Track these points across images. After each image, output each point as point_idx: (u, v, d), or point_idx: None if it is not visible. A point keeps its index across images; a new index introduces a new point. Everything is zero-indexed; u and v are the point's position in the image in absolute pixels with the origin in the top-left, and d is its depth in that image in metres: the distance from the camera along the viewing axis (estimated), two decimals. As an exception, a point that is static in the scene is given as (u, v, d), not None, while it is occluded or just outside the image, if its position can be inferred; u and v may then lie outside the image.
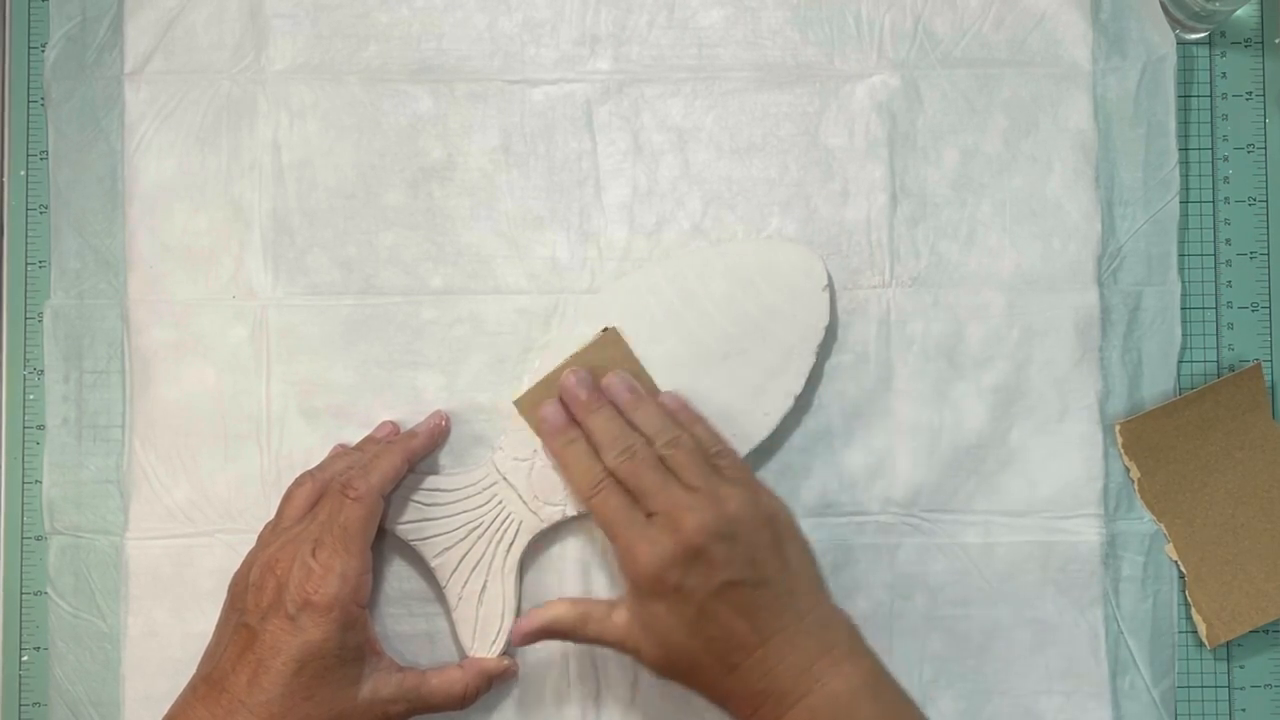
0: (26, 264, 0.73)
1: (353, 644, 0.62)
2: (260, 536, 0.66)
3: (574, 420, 0.66)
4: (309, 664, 0.60)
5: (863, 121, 0.71)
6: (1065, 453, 0.70)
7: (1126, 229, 0.71)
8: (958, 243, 0.71)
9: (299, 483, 0.66)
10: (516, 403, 0.68)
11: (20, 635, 0.71)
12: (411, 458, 0.67)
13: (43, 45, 0.72)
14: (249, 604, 0.62)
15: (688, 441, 0.63)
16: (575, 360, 0.68)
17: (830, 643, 0.60)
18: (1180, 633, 0.71)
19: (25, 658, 0.71)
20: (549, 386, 0.68)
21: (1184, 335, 0.72)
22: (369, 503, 0.63)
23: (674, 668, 0.61)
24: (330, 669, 0.61)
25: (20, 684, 0.71)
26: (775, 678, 0.59)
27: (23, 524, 0.72)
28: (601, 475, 0.63)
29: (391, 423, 0.70)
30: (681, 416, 0.66)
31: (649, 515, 0.61)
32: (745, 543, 0.60)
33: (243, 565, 0.65)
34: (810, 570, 0.62)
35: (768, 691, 0.59)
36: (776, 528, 0.61)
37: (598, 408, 0.66)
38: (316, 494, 0.65)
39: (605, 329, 0.68)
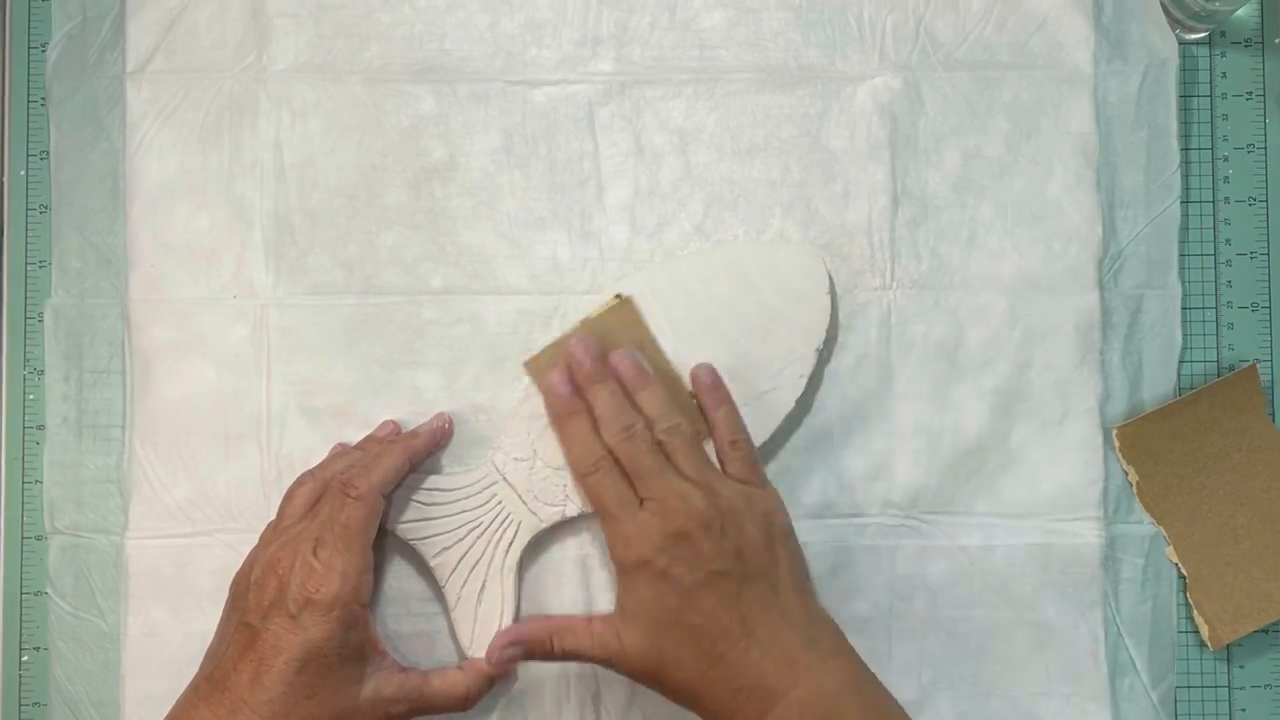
0: (26, 264, 0.73)
1: (354, 643, 0.62)
2: (262, 536, 0.66)
3: (578, 391, 0.66)
4: (310, 663, 0.60)
5: (864, 123, 0.71)
6: (1065, 455, 0.70)
7: (1128, 232, 0.71)
8: (959, 245, 0.71)
9: (300, 482, 0.66)
10: (527, 364, 0.69)
11: (20, 635, 0.71)
12: (413, 457, 0.67)
13: (43, 45, 0.72)
14: (250, 603, 0.62)
15: (687, 430, 0.64)
16: (585, 326, 0.68)
17: (815, 638, 0.60)
18: (1181, 633, 0.71)
19: (25, 658, 0.71)
20: (559, 351, 0.67)
21: (1184, 336, 0.72)
22: (370, 502, 0.63)
23: (656, 660, 0.60)
24: (332, 668, 0.61)
25: (20, 684, 0.71)
26: (760, 672, 0.59)
27: (23, 524, 0.72)
28: (600, 454, 0.63)
29: (393, 422, 0.70)
30: (709, 397, 0.66)
31: (642, 501, 0.62)
32: (734, 536, 0.60)
33: (244, 564, 0.65)
34: (799, 572, 0.62)
35: (751, 687, 0.58)
36: (769, 526, 0.62)
37: (602, 381, 0.65)
38: (317, 493, 0.65)
39: (618, 296, 0.69)
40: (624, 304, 0.68)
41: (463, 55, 0.72)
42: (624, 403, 0.65)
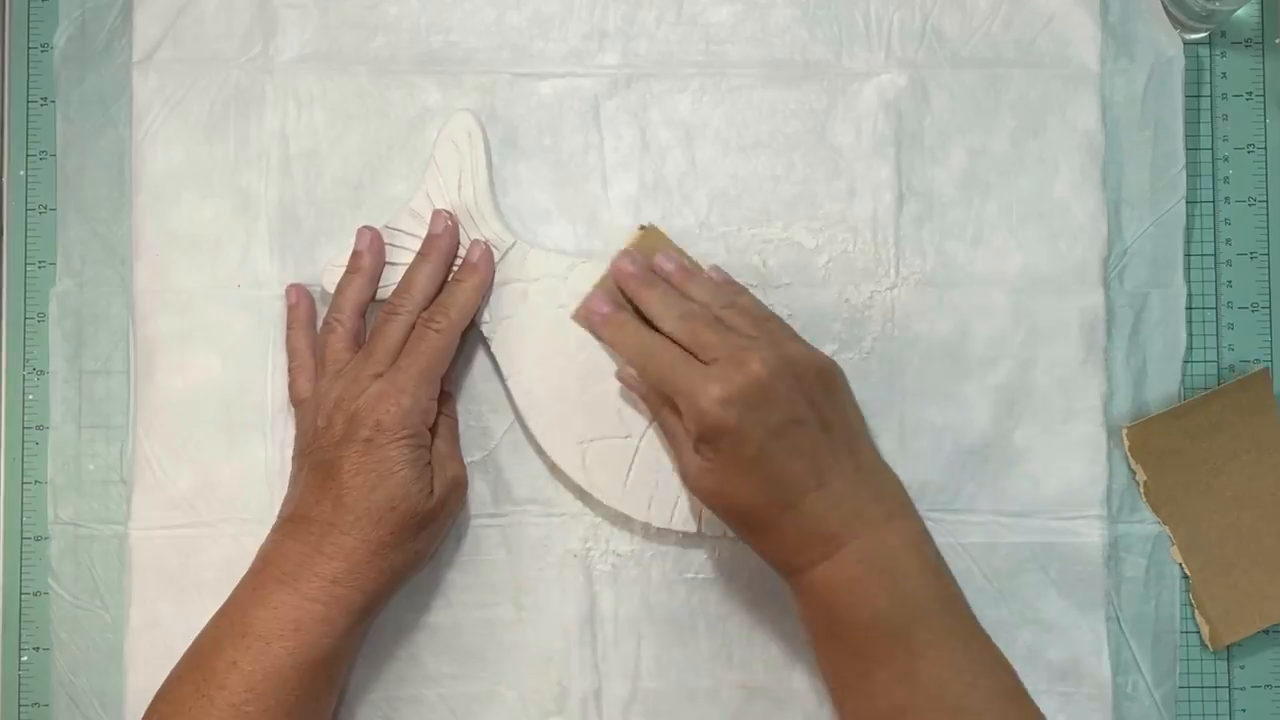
0: (26, 264, 0.72)
1: (423, 460, 0.64)
2: (304, 402, 0.67)
3: (624, 304, 0.67)
4: (386, 479, 0.62)
5: (870, 120, 0.71)
6: (1069, 454, 0.70)
7: (1133, 231, 0.71)
8: (964, 243, 0.71)
9: (330, 329, 0.67)
10: (574, 317, 0.68)
11: (20, 635, 0.71)
12: (484, 290, 0.68)
13: (43, 45, 0.72)
14: (321, 444, 0.64)
15: (744, 302, 0.65)
16: (639, 245, 0.69)
17: (883, 494, 0.61)
18: (1182, 633, 0.71)
19: (25, 658, 0.71)
20: (602, 288, 0.68)
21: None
22: (449, 336, 0.66)
23: (731, 506, 0.62)
24: (407, 482, 0.63)
25: (20, 684, 0.71)
26: (828, 521, 0.59)
27: (22, 524, 0.71)
28: (655, 340, 0.64)
29: (370, 229, 0.69)
30: (729, 287, 0.68)
31: (709, 363, 0.61)
32: (806, 385, 0.60)
33: (302, 426, 0.66)
34: (863, 424, 0.63)
35: (818, 534, 0.59)
36: (833, 378, 0.62)
37: (651, 283, 0.66)
38: (353, 338, 0.67)
39: (643, 225, 0.70)
40: (651, 230, 0.69)
41: (469, 47, 0.71)
42: (677, 295, 0.66)
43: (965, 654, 0.59)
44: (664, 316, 0.65)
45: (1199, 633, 0.71)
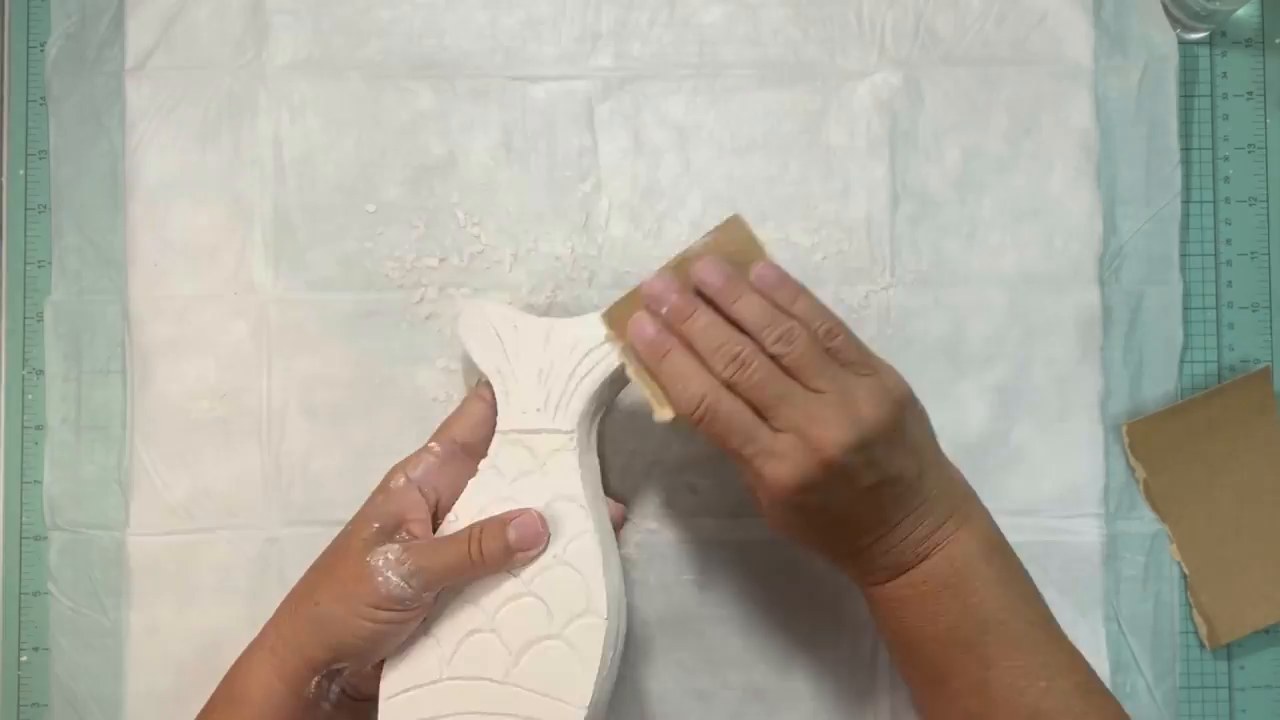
0: (25, 264, 0.73)
1: None
2: None
3: (669, 329, 0.59)
4: None
5: (864, 120, 0.71)
6: (1067, 452, 0.70)
7: (1128, 228, 0.71)
8: (959, 241, 0.71)
9: None
10: (603, 316, 0.61)
11: (19, 635, 0.71)
12: None
13: (42, 44, 0.72)
14: None
15: (800, 334, 0.57)
16: (703, 249, 0.60)
17: (949, 510, 0.59)
18: (1181, 633, 0.71)
19: (24, 658, 0.71)
20: (638, 299, 0.60)
21: (1184, 335, 0.72)
22: None
23: (801, 542, 0.60)
24: None
25: (19, 684, 0.71)
26: (898, 553, 0.58)
27: (21, 524, 0.72)
28: (703, 390, 0.57)
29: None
30: (781, 294, 0.59)
31: (775, 431, 0.56)
32: (880, 446, 0.56)
33: None
34: (930, 441, 0.60)
35: (885, 566, 0.59)
36: (902, 414, 0.57)
37: (691, 312, 0.58)
38: None
39: (732, 216, 0.60)
40: (734, 222, 0.60)
41: (462, 51, 0.72)
42: (724, 327, 0.58)
43: (1036, 659, 0.58)
44: (712, 359, 0.57)
45: (1197, 632, 0.71)
